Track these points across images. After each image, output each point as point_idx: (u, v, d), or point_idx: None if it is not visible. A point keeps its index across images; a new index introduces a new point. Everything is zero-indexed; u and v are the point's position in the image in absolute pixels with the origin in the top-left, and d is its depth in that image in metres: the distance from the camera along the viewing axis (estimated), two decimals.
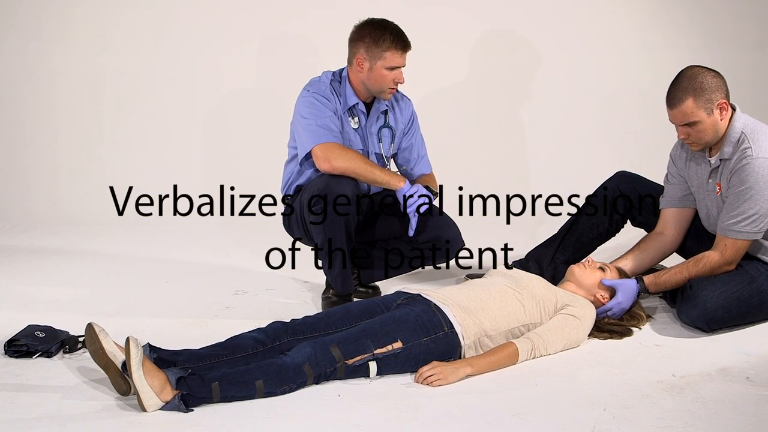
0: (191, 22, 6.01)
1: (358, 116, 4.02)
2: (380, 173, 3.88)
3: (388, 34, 3.88)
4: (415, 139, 4.21)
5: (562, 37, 5.95)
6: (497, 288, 3.42)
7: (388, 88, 3.94)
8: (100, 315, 3.85)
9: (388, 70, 3.89)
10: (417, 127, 4.23)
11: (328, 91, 3.95)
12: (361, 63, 3.92)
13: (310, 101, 3.92)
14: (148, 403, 2.83)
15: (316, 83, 3.99)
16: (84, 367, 3.24)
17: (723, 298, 3.55)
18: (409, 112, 4.20)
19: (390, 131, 4.11)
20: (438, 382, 3.07)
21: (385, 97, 3.99)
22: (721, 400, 2.97)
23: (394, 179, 3.89)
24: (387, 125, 4.10)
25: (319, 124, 3.86)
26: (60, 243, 5.40)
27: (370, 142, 4.06)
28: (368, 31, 3.91)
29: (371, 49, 3.89)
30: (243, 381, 2.92)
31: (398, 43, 3.89)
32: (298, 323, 3.25)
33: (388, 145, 4.13)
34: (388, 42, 3.87)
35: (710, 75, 3.56)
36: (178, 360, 3.04)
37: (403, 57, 3.93)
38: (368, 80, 3.93)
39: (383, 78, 3.91)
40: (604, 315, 3.60)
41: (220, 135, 6.10)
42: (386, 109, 4.09)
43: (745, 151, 3.55)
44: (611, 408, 2.90)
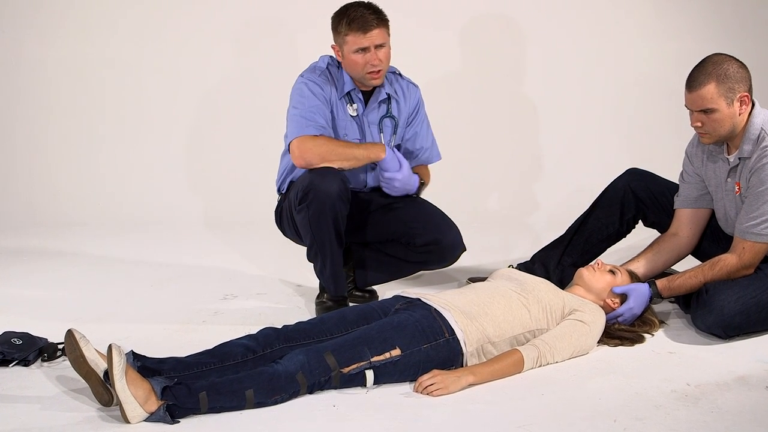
0: (175, 12, 6.00)
1: (356, 103, 4.01)
2: (358, 150, 3.86)
3: (346, 17, 3.86)
4: (420, 129, 4.17)
5: (572, 28, 5.97)
6: (501, 292, 3.41)
7: (366, 73, 3.91)
8: (80, 321, 3.83)
9: (357, 53, 3.87)
10: (423, 115, 4.19)
11: (321, 77, 3.94)
12: (337, 52, 3.93)
13: (301, 89, 3.92)
14: (132, 414, 2.81)
15: (311, 69, 3.99)
16: (63, 377, 3.23)
17: (741, 303, 3.54)
18: (415, 99, 4.16)
19: (392, 121, 4.09)
20: (438, 391, 3.06)
21: (370, 83, 3.95)
22: (738, 410, 2.96)
23: (374, 151, 3.87)
24: (389, 115, 4.08)
25: (303, 115, 3.85)
26: (39, 245, 5.41)
27: (368, 131, 4.03)
28: (334, 18, 3.92)
29: (337, 36, 3.90)
30: (232, 391, 2.91)
31: (355, 23, 3.84)
32: (291, 329, 3.24)
33: (389, 136, 4.10)
34: (345, 25, 3.85)
35: (737, 65, 3.54)
36: (164, 368, 3.03)
37: (369, 37, 3.84)
38: (347, 68, 3.93)
39: (355, 63, 3.88)
40: (614, 321, 3.60)
41: (207, 130, 6.10)
42: (387, 98, 4.07)
43: (766, 149, 3.54)
44: (622, 419, 2.89)
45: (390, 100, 4.07)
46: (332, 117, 3.94)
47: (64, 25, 5.99)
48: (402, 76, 4.12)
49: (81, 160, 6.08)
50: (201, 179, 5.84)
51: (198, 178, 5.91)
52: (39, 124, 6.09)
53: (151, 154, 6.07)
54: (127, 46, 6.01)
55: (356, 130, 4.01)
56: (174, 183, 5.76)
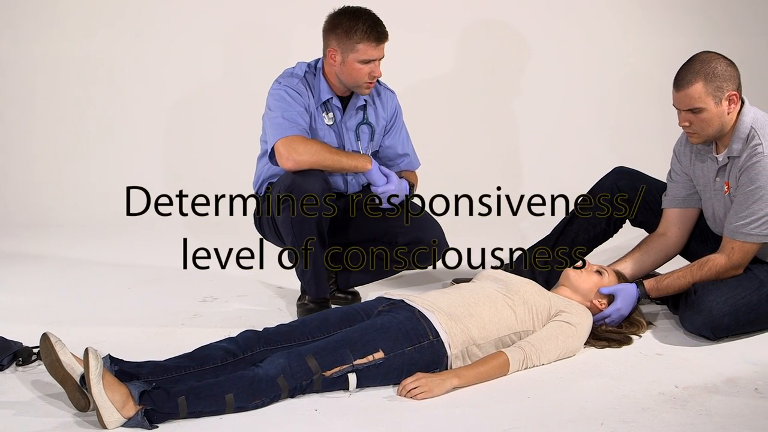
0: (156, 10, 5.99)
1: (332, 111, 4.01)
2: (346, 159, 3.88)
3: (360, 24, 3.85)
4: (399, 136, 4.19)
5: (556, 25, 5.98)
6: (486, 293, 3.42)
7: (364, 83, 3.92)
8: (56, 324, 3.81)
9: (361, 63, 3.87)
10: (401, 123, 4.21)
11: (300, 85, 3.93)
12: (334, 55, 3.90)
13: (280, 95, 3.90)
14: (109, 419, 2.81)
15: (288, 76, 3.97)
16: (39, 381, 3.22)
17: (730, 304, 3.55)
18: (393, 106, 4.17)
19: (369, 128, 4.10)
20: (423, 395, 3.07)
21: (362, 92, 3.97)
22: (727, 413, 2.97)
23: (361, 162, 3.90)
24: (366, 122, 4.09)
25: (285, 117, 3.84)
26: (12, 246, 5.38)
27: (346, 138, 4.04)
28: (340, 21, 3.88)
29: (343, 41, 3.86)
30: (212, 395, 2.90)
31: (372, 33, 3.85)
32: (272, 332, 3.24)
33: (367, 143, 4.11)
34: (360, 33, 3.84)
35: (725, 63, 3.55)
36: (142, 372, 3.02)
37: (379, 49, 3.89)
38: (342, 74, 3.92)
39: (357, 72, 3.89)
40: (601, 322, 3.61)
41: (185, 129, 6.10)
42: (365, 104, 4.07)
43: (756, 147, 3.55)
44: (609, 422, 2.90)
45: (366, 106, 4.08)
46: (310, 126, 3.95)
47: (41, 22, 5.97)
48: (379, 82, 4.13)
49: (56, 161, 6.05)
50: (179, 179, 5.82)
51: (176, 178, 5.90)
52: (12, 124, 6.06)
53: (128, 155, 6.05)
54: (104, 45, 5.99)
55: (334, 139, 4.01)
56: (152, 183, 5.73)
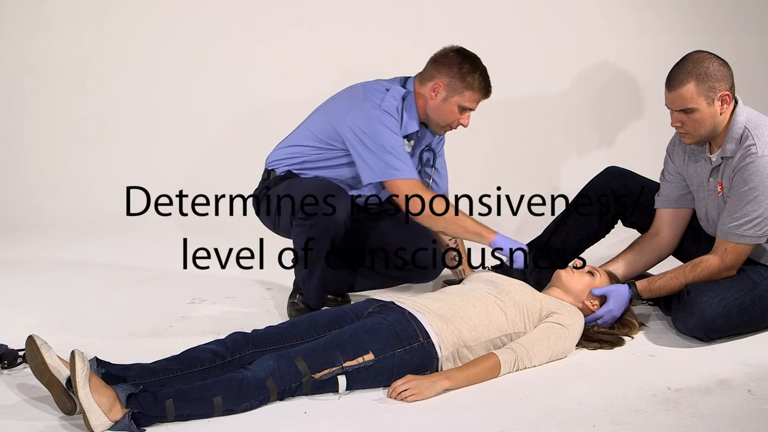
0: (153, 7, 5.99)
1: (414, 139, 4.04)
2: (471, 224, 3.86)
3: (478, 74, 3.87)
4: (442, 159, 4.26)
5: (546, 25, 5.97)
6: (477, 295, 3.43)
7: (449, 126, 3.97)
8: (41, 327, 3.82)
9: (460, 108, 3.90)
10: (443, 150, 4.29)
11: (395, 118, 3.89)
12: (438, 90, 3.89)
13: (384, 127, 3.83)
14: (96, 423, 2.81)
15: (388, 100, 3.90)
16: (24, 384, 3.21)
17: (723, 305, 3.56)
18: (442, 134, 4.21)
19: (432, 154, 4.16)
20: (413, 397, 3.07)
21: (438, 132, 4.03)
22: (720, 415, 2.98)
23: (485, 231, 3.85)
24: (429, 148, 4.14)
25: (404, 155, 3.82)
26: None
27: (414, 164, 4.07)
28: (459, 61, 3.89)
29: (455, 81, 3.87)
30: (200, 398, 2.90)
31: (483, 87, 3.90)
32: (261, 334, 3.24)
33: (430, 169, 4.18)
34: (476, 82, 3.87)
35: (717, 63, 3.55)
36: (129, 375, 3.02)
37: (478, 102, 3.94)
38: (434, 109, 3.93)
39: (451, 114, 3.92)
40: (593, 323, 3.62)
41: (185, 129, 6.07)
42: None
43: (749, 148, 3.55)
44: (601, 424, 2.91)
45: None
46: None
47: (31, 20, 5.96)
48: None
49: (42, 163, 6.04)
50: (166, 180, 5.81)
51: (162, 179, 5.88)
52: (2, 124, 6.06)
53: (113, 156, 6.04)
54: (93, 44, 5.98)
55: None
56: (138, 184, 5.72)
